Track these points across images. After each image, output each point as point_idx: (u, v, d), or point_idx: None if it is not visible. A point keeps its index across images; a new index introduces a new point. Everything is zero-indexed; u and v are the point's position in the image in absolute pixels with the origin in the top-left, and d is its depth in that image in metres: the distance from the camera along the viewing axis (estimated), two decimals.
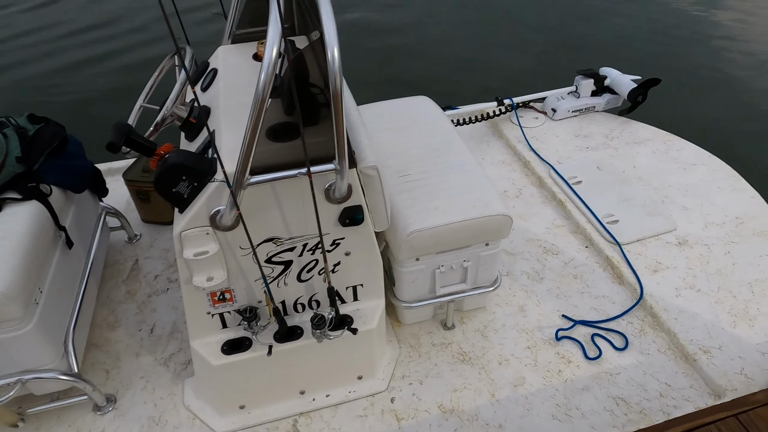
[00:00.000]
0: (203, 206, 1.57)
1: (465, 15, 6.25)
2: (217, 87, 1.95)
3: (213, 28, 5.72)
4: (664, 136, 3.27)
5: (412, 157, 2.24)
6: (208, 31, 5.65)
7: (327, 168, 1.56)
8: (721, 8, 6.34)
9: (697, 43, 5.48)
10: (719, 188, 2.88)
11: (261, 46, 2.12)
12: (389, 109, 2.55)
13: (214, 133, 1.72)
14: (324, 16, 1.38)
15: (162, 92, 1.88)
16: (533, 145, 3.27)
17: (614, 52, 5.26)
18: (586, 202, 2.82)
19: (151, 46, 5.67)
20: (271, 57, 1.33)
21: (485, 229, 2.01)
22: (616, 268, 2.51)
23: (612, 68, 3.48)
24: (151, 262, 2.65)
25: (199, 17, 5.93)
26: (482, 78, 4.86)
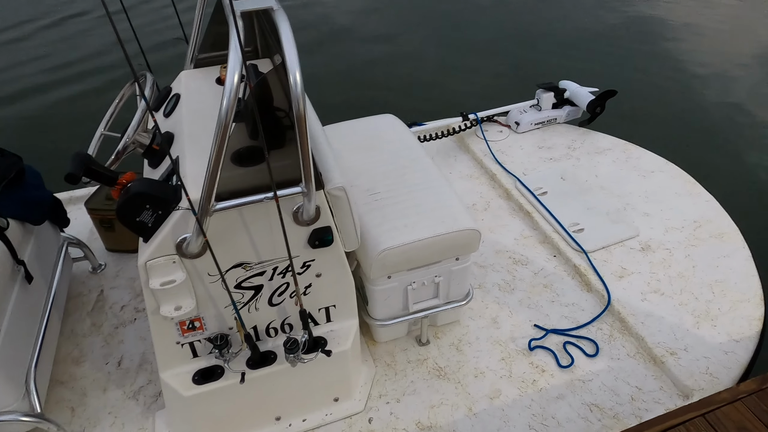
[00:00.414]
0: (169, 234, 1.55)
1: (426, 33, 6.37)
2: (180, 112, 1.93)
3: (175, 52, 5.66)
4: (624, 145, 3.39)
5: (380, 175, 2.26)
6: (170, 56, 5.59)
7: (294, 191, 1.55)
8: (672, 20, 6.65)
9: (651, 54, 5.72)
10: (677, 194, 2.99)
11: (224, 70, 2.11)
12: (355, 129, 2.57)
13: (177, 159, 1.70)
14: (284, 40, 1.39)
15: (123, 119, 1.86)
16: (499, 158, 3.34)
17: (572, 65, 5.45)
18: (552, 212, 2.88)
19: (113, 72, 5.58)
20: (233, 83, 1.33)
21: (455, 244, 2.04)
22: (583, 275, 2.57)
23: (571, 81, 3.60)
24: (117, 292, 2.58)
25: (161, 42, 5.87)
26: (446, 94, 4.96)
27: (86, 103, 5.05)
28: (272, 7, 1.42)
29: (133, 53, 2.95)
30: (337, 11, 7.13)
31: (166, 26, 6.23)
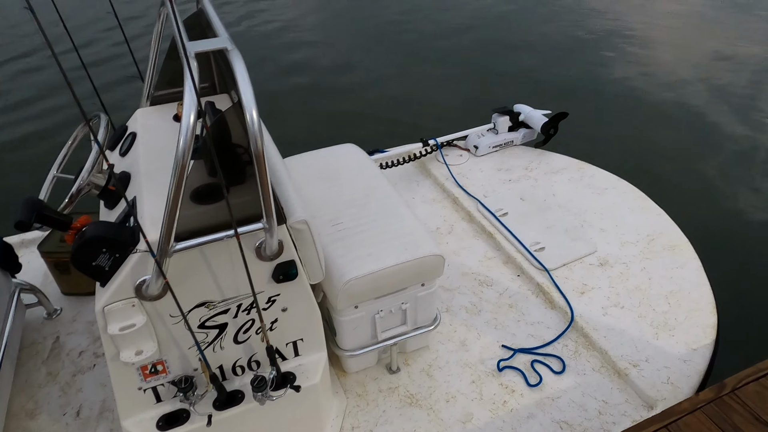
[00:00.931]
0: (127, 277, 1.51)
1: (384, 62, 6.51)
2: (136, 151, 1.91)
3: (130, 90, 5.57)
4: (578, 164, 3.53)
5: (343, 205, 2.27)
6: (125, 94, 5.50)
7: (255, 228, 1.55)
8: (619, 42, 7.02)
9: (599, 76, 6.00)
10: (630, 209, 3.12)
11: (181, 107, 2.11)
12: (317, 159, 2.59)
13: (134, 200, 1.67)
14: (240, 80, 1.40)
15: (77, 161, 1.82)
16: (460, 181, 3.41)
17: (525, 88, 5.66)
18: (513, 233, 2.95)
19: (67, 111, 5.44)
20: (189, 124, 1.33)
21: (420, 271, 2.06)
22: (547, 293, 2.63)
23: (524, 105, 3.73)
24: (74, 337, 2.47)
25: (115, 80, 5.77)
26: (406, 120, 5.06)
27: (38, 144, 4.90)
28: (226, 47, 1.44)
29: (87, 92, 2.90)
30: (295, 42, 7.21)
31: (121, 64, 6.15)
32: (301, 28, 7.83)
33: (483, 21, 7.87)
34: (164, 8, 2.06)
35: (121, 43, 6.68)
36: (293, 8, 8.75)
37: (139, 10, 8.02)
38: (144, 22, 7.56)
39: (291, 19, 8.19)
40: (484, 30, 7.50)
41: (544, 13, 8.16)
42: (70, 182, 1.76)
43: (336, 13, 8.50)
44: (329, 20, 8.15)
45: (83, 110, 1.14)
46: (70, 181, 1.76)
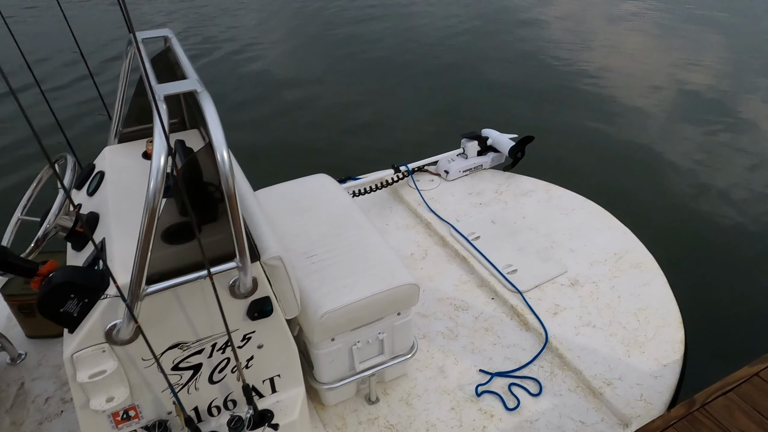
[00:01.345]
0: (97, 323, 1.48)
1: (354, 91, 6.61)
2: (104, 191, 1.89)
3: (97, 127, 5.47)
4: (545, 186, 3.62)
5: (316, 236, 2.28)
6: (92, 132, 5.38)
7: (229, 267, 1.54)
8: (580, 62, 7.29)
9: (561, 99, 6.22)
10: (597, 228, 3.21)
11: (150, 145, 2.10)
12: (289, 191, 2.59)
13: (103, 241, 1.64)
14: (210, 122, 1.41)
15: (43, 202, 1.79)
16: (432, 206, 3.46)
17: (492, 112, 5.82)
18: (486, 256, 3.00)
19: (34, 145, 5.31)
20: (159, 166, 1.33)
21: (395, 300, 2.07)
22: (521, 315, 2.67)
23: (492, 129, 3.84)
24: (40, 383, 2.38)
25: (82, 118, 5.66)
26: (377, 147, 5.12)
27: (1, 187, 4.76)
28: (196, 90, 1.45)
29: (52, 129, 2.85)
30: (261, 70, 7.25)
31: (87, 101, 6.05)
32: (267, 55, 7.88)
33: (448, 47, 8.09)
34: (131, 47, 2.06)
35: (85, 77, 6.58)
36: (258, 34, 8.82)
37: (106, 47, 7.94)
38: (111, 59, 7.49)
39: (256, 46, 8.25)
40: (450, 55, 7.70)
41: (508, 39, 8.45)
42: (35, 225, 1.72)
43: (302, 39, 8.60)
44: (296, 47, 8.24)
45: (47, 153, 1.13)
46: (36, 223, 1.72)
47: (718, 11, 10.14)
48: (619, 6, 10.63)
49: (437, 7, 10.34)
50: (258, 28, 9.08)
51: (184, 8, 10.22)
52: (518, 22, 9.30)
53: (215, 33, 8.77)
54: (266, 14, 9.97)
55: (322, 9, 10.17)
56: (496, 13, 9.75)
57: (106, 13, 9.81)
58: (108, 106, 2.31)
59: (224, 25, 9.25)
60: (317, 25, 9.20)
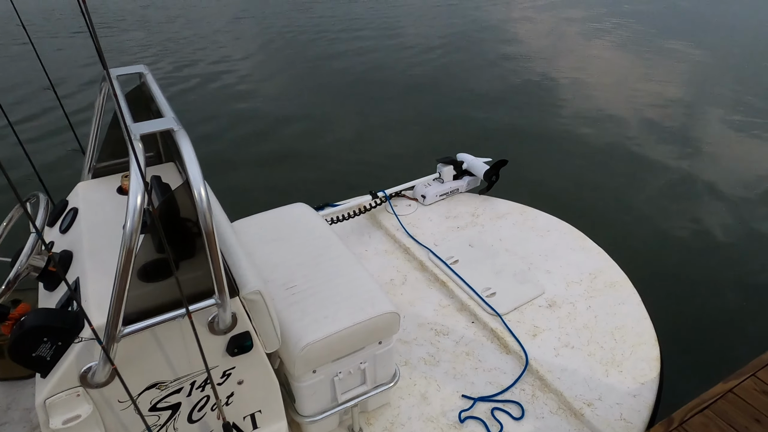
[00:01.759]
0: (71, 366, 1.44)
1: (331, 117, 6.67)
2: (78, 228, 1.86)
3: (70, 163, 5.36)
4: (520, 208, 3.70)
5: (295, 267, 2.27)
6: (65, 168, 5.27)
7: (208, 304, 1.53)
8: (551, 84, 7.51)
9: (533, 122, 6.39)
10: (571, 249, 3.28)
11: (125, 180, 2.08)
12: (267, 221, 2.59)
13: (77, 281, 1.61)
14: (186, 158, 1.42)
15: (14, 241, 1.75)
16: (410, 231, 3.49)
17: (466, 136, 5.94)
18: (465, 280, 3.03)
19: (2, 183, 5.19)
20: (136, 205, 1.33)
21: (376, 329, 2.08)
22: (501, 338, 2.69)
23: (466, 154, 3.91)
24: (9, 428, 2.28)
25: (53, 153, 5.56)
26: (354, 173, 5.16)
27: None
28: (173, 128, 1.45)
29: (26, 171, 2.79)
30: (236, 100, 7.27)
31: (59, 136, 5.95)
32: (243, 84, 7.91)
33: (421, 74, 8.25)
34: (105, 83, 2.06)
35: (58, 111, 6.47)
36: (233, 62, 8.85)
37: (79, 80, 7.84)
38: (84, 91, 7.38)
39: (231, 74, 8.28)
40: (423, 82, 7.85)
41: (480, 65, 8.66)
42: (5, 266, 1.68)
43: (276, 68, 8.67)
44: (270, 76, 8.29)
45: (17, 192, 1.12)
46: (6, 264, 1.69)
47: (690, 33, 10.62)
48: (591, 27, 11.04)
49: (410, 33, 10.58)
50: (233, 56, 9.12)
51: (159, 39, 10.23)
52: (491, 47, 9.57)
53: (190, 62, 8.78)
54: (241, 43, 10.04)
55: (295, 37, 10.29)
56: (468, 40, 10.01)
57: (80, 46, 9.71)
58: (81, 140, 2.29)
59: (199, 54, 9.27)
60: (291, 53, 9.30)
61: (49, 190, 2.09)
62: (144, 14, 12.35)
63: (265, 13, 12.36)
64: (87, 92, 7.24)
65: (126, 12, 12.58)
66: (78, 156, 2.03)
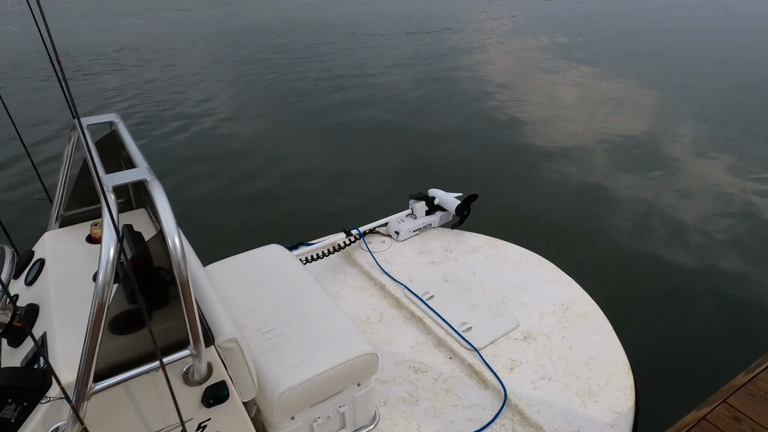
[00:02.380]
0: (37, 428, 1.38)
1: (306, 154, 6.72)
2: (45, 280, 1.81)
3: (37, 213, 5.20)
4: (492, 241, 3.77)
5: (271, 310, 2.25)
6: (30, 216, 5.11)
7: (182, 355, 1.50)
8: (518, 117, 7.78)
9: (501, 157, 6.58)
10: (544, 281, 3.35)
11: (95, 228, 2.05)
12: (241, 264, 2.57)
13: (44, 336, 1.56)
14: (160, 209, 1.42)
15: None
16: (385, 267, 3.51)
17: (437, 172, 6.06)
18: (441, 315, 3.05)
19: None
20: (109, 258, 1.31)
21: (355, 371, 2.06)
22: (479, 373, 2.70)
23: (438, 189, 3.99)
24: None
25: (18, 202, 5.40)
26: (328, 212, 5.19)
27: None
28: (146, 179, 1.45)
29: None
30: (207, 142, 7.26)
31: (24, 184, 5.79)
32: (213, 125, 7.93)
33: (391, 112, 8.44)
34: (75, 132, 2.05)
35: (23, 159, 6.31)
36: (206, 105, 8.88)
37: (46, 126, 7.68)
38: (50, 138, 7.23)
39: (203, 117, 8.29)
40: (393, 120, 8.03)
41: (448, 102, 8.93)
42: None
43: (249, 106, 8.73)
44: (240, 116, 8.34)
45: None
46: None
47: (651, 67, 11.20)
48: (558, 63, 11.54)
49: (382, 74, 10.85)
50: (207, 100, 9.15)
51: (133, 83, 10.19)
52: (460, 86, 9.89)
53: (163, 106, 8.75)
54: (216, 86, 10.09)
55: (269, 80, 10.41)
56: (437, 81, 10.32)
57: (50, 91, 9.54)
58: (49, 189, 2.25)
59: (173, 98, 9.27)
60: (264, 95, 9.39)
61: (15, 241, 2.04)
62: (117, 57, 12.30)
63: (242, 56, 12.51)
64: (56, 140, 7.10)
65: (98, 55, 12.51)
66: (45, 205, 1.99)
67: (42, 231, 2.11)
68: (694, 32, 15.47)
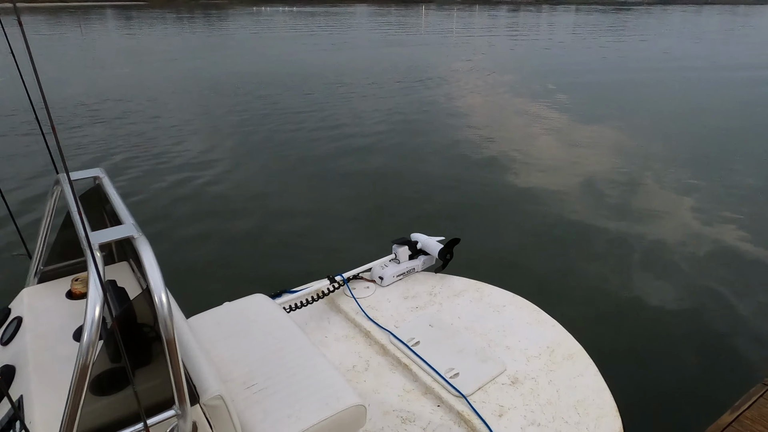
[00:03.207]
0: None
1: (287, 202, 6.76)
2: (22, 339, 1.76)
3: (13, 268, 5.07)
4: (476, 284, 3.79)
5: (256, 363, 2.21)
6: (9, 275, 4.98)
7: (167, 416, 1.46)
8: (498, 158, 7.97)
9: (481, 200, 6.71)
10: (528, 324, 3.37)
11: (76, 283, 2.02)
12: (224, 315, 2.54)
13: (21, 399, 1.51)
14: (147, 266, 1.41)
15: None
16: (370, 314, 3.49)
17: (418, 216, 6.14)
18: (428, 362, 3.02)
19: None
20: (94, 317, 1.29)
21: (342, 424, 2.02)
22: (468, 421, 2.66)
23: (420, 233, 4.03)
24: None
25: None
26: (311, 258, 5.18)
27: None
28: (133, 235, 1.46)
29: None
30: (189, 189, 7.26)
31: (4, 242, 5.68)
32: (196, 173, 7.94)
33: (372, 157, 8.59)
34: (58, 186, 2.04)
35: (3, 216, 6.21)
36: (189, 153, 8.92)
37: (24, 180, 7.59)
38: (31, 194, 7.12)
39: (187, 165, 8.31)
40: (376, 166, 8.16)
41: (428, 147, 9.13)
42: None
43: (230, 157, 8.79)
44: (224, 164, 8.38)
45: None
46: None
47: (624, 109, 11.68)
48: (535, 109, 11.96)
49: (363, 121, 11.09)
50: (190, 149, 9.20)
51: (118, 134, 10.21)
52: (440, 131, 10.15)
53: (149, 155, 8.75)
54: (198, 136, 10.17)
55: (251, 128, 10.55)
56: (418, 126, 10.59)
57: (32, 143, 9.42)
58: (27, 243, 2.22)
59: (157, 148, 9.29)
60: (248, 144, 9.50)
61: None
62: (100, 109, 12.30)
63: (226, 106, 12.67)
64: (37, 194, 6.97)
65: (83, 106, 12.49)
66: (25, 261, 1.94)
67: (20, 288, 2.07)
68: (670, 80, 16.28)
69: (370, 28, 32.80)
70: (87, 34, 28.39)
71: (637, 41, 25.47)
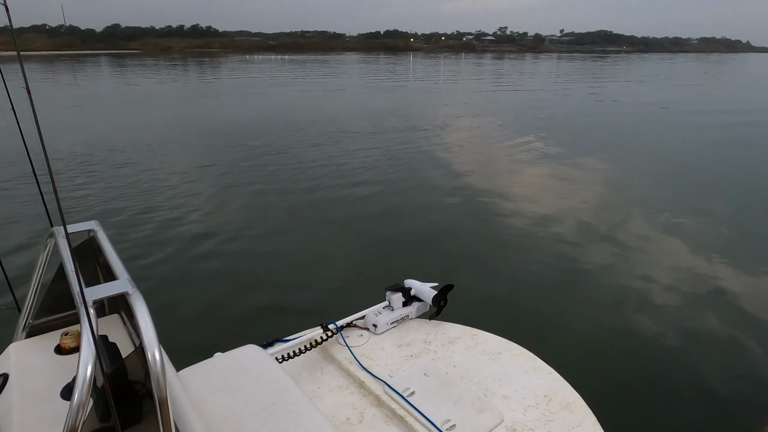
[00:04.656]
0: None
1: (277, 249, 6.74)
2: (8, 398, 1.70)
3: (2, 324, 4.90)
4: (470, 331, 3.76)
5: (247, 418, 2.15)
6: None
7: None
8: (487, 204, 8.05)
9: (473, 246, 6.74)
10: (524, 371, 3.32)
11: (66, 338, 1.97)
12: (216, 368, 2.48)
13: None
14: (142, 323, 1.39)
15: None
16: (364, 363, 3.42)
17: (413, 264, 6.14)
18: (423, 413, 2.95)
19: None
20: (86, 376, 1.26)
21: None
22: None
23: (414, 279, 4.02)
24: None
25: None
26: (303, 306, 5.13)
27: None
28: (128, 291, 1.44)
29: None
30: (177, 238, 7.23)
31: None
32: (182, 219, 7.93)
33: (364, 206, 8.66)
34: (52, 239, 2.03)
35: None
36: (183, 194, 8.93)
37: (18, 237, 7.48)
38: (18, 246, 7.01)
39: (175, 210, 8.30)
40: (368, 209, 8.22)
41: (419, 194, 9.24)
42: None
43: (216, 201, 8.82)
44: (212, 210, 8.39)
45: None
46: None
47: (611, 148, 11.96)
48: (522, 154, 12.21)
49: (354, 168, 11.24)
50: (182, 197, 9.22)
51: (113, 185, 10.22)
52: (430, 179, 10.30)
53: (143, 207, 8.74)
54: (191, 184, 10.21)
55: (246, 177, 10.62)
56: (410, 175, 10.74)
57: (25, 196, 9.31)
58: (18, 298, 2.18)
59: (152, 199, 9.30)
60: (239, 192, 9.55)
61: None
62: (95, 158, 12.31)
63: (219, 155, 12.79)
64: (27, 247, 6.84)
65: (76, 155, 12.48)
66: (13, 315, 1.89)
67: (7, 343, 2.02)
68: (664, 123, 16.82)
69: (360, 75, 33.75)
70: (82, 80, 28.83)
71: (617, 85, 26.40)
